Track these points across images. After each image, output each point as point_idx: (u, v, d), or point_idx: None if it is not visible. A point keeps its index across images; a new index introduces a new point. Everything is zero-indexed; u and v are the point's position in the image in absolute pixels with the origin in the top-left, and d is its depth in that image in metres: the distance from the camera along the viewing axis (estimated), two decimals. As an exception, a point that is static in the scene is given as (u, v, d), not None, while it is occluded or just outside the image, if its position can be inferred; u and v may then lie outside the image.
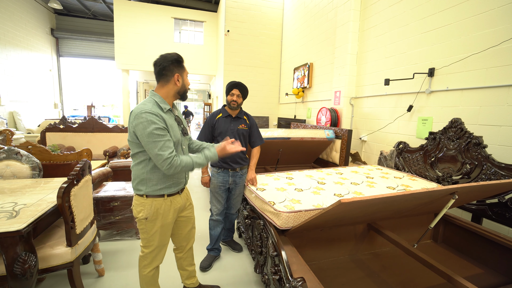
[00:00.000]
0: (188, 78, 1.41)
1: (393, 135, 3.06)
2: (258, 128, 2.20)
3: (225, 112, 2.09)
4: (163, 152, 1.21)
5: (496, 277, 1.61)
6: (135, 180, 1.33)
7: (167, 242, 1.46)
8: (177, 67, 1.31)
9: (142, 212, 1.32)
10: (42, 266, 1.43)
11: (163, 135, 1.22)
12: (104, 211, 2.38)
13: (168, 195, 1.37)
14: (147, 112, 1.20)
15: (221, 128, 2.04)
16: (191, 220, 1.58)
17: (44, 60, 9.04)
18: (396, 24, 3.03)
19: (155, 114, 1.21)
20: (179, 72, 1.32)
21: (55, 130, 4.28)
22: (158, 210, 1.34)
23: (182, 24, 8.74)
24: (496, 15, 2.03)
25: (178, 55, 1.33)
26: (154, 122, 1.20)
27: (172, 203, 1.39)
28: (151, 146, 1.20)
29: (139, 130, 1.20)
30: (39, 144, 2.42)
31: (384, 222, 1.94)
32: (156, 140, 1.20)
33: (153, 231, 1.36)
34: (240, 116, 2.11)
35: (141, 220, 1.34)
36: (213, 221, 2.13)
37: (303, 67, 5.27)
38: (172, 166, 1.23)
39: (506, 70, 1.96)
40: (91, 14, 9.74)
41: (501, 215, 1.71)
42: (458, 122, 2.02)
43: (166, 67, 1.29)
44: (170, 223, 1.42)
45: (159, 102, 1.29)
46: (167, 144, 1.23)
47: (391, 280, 1.62)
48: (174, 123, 1.34)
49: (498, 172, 1.73)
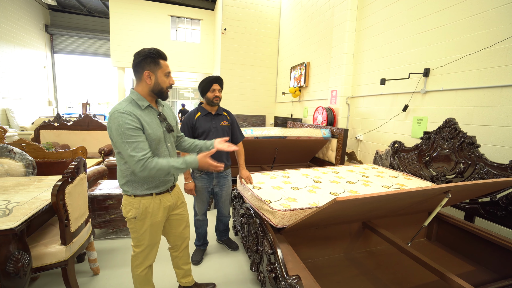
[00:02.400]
0: (170, 77, 1.28)
1: (389, 135, 3.09)
2: (238, 124, 2.16)
3: (203, 110, 1.99)
4: (136, 153, 1.15)
5: (488, 274, 1.64)
6: (121, 180, 1.30)
7: (158, 240, 1.43)
8: (148, 63, 1.20)
9: (131, 211, 1.30)
10: (36, 264, 1.41)
11: (136, 135, 1.16)
12: (99, 209, 2.36)
13: (157, 193, 1.34)
14: (119, 111, 1.15)
15: (203, 127, 1.95)
16: (184, 218, 1.55)
17: (38, 57, 8.90)
18: (392, 24, 3.05)
19: (127, 113, 1.15)
20: (150, 69, 1.20)
21: (49, 127, 4.22)
22: (147, 209, 1.31)
23: (179, 22, 8.68)
24: (490, 17, 2.06)
25: (153, 50, 1.20)
26: (126, 122, 1.14)
27: (161, 201, 1.36)
28: (124, 147, 1.15)
29: (113, 131, 1.16)
30: (33, 142, 2.39)
31: (379, 221, 1.96)
32: (128, 141, 1.14)
33: (142, 230, 1.34)
34: (220, 113, 2.03)
35: (130, 219, 1.32)
36: (199, 221, 2.13)
37: (300, 66, 5.28)
38: (145, 169, 1.16)
39: (499, 71, 1.99)
40: (86, 10, 9.61)
41: (493, 213, 1.74)
42: (452, 122, 2.05)
43: (137, 64, 1.20)
44: (160, 221, 1.39)
45: (136, 100, 1.22)
46: (141, 145, 1.17)
47: (385, 277, 1.64)
48: (154, 120, 1.27)
49: (491, 171, 1.76)
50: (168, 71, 1.26)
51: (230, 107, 5.90)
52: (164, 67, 1.24)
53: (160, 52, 1.22)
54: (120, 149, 1.18)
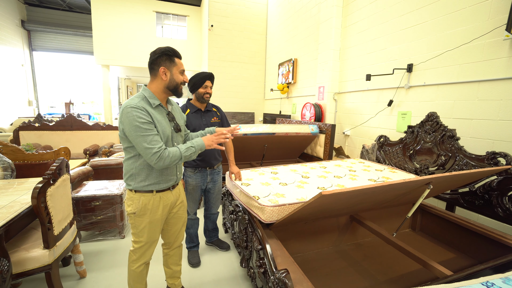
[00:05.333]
0: (184, 74, 1.35)
1: (375, 129, 3.16)
2: (227, 120, 2.15)
3: (192, 107, 1.97)
4: (152, 146, 1.19)
5: (467, 260, 1.72)
6: (126, 174, 1.34)
7: (157, 238, 1.44)
8: (164, 60, 1.27)
9: (131, 206, 1.33)
10: (17, 270, 1.36)
11: (150, 129, 1.21)
12: (85, 211, 2.30)
13: (158, 191, 1.35)
14: (132, 107, 1.19)
15: (194, 125, 1.93)
16: (181, 219, 1.57)
17: (14, 54, 8.47)
18: (376, 21, 3.10)
19: (140, 108, 1.20)
20: (165, 66, 1.27)
21: (29, 128, 4.06)
22: (146, 206, 1.33)
23: (165, 19, 8.48)
24: (467, 14, 2.13)
25: (169, 49, 1.29)
26: (139, 116, 1.19)
27: (161, 199, 1.37)
28: (139, 140, 1.19)
29: (126, 125, 1.20)
30: (11, 144, 2.29)
31: (365, 214, 2.01)
32: (143, 134, 1.19)
33: (141, 226, 1.35)
34: (210, 109, 2.02)
35: (130, 214, 1.35)
36: (191, 220, 2.11)
37: (288, 63, 5.30)
38: (161, 159, 1.20)
39: (477, 67, 2.07)
40: (66, 6, 9.21)
41: (471, 203, 1.82)
42: (434, 116, 2.12)
43: (153, 61, 1.28)
44: (159, 219, 1.39)
45: (148, 97, 1.28)
46: (156, 138, 1.21)
47: (372, 268, 1.69)
48: (163, 119, 1.31)
49: (469, 162, 1.83)
50: (182, 69, 1.33)
51: (219, 105, 5.84)
52: (179, 64, 1.31)
53: (175, 50, 1.30)
54: (135, 143, 1.21)
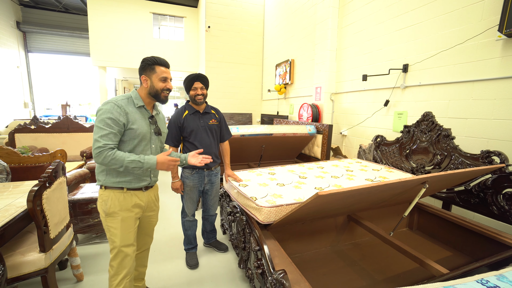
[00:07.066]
0: (167, 82, 1.38)
1: (372, 129, 3.18)
2: (226, 122, 2.14)
3: (191, 108, 1.96)
4: (101, 139, 1.21)
5: (463, 258, 1.73)
6: (98, 169, 1.34)
7: (131, 243, 1.37)
8: (145, 69, 1.35)
9: (101, 205, 1.33)
10: (12, 274, 1.35)
11: (112, 126, 1.23)
12: (82, 213, 2.28)
13: (128, 188, 1.35)
14: (112, 102, 1.26)
15: (191, 126, 1.91)
16: (153, 222, 1.58)
17: (10, 56, 8.39)
18: (372, 22, 3.12)
19: (118, 105, 1.26)
20: (145, 74, 1.36)
21: (25, 131, 4.02)
22: (115, 202, 1.31)
23: (162, 20, 8.46)
24: (461, 15, 2.15)
25: (150, 58, 1.36)
26: (111, 112, 1.23)
27: (132, 196, 1.36)
28: (96, 131, 1.23)
29: (98, 116, 1.25)
30: (7, 146, 2.27)
31: (363, 213, 2.02)
32: (102, 127, 1.22)
33: (113, 226, 1.32)
34: (208, 111, 2.01)
35: (102, 217, 1.34)
36: (189, 221, 2.10)
37: (285, 64, 5.31)
38: (101, 155, 1.20)
39: (471, 66, 2.09)
40: (62, 7, 9.16)
41: (467, 201, 1.84)
42: (429, 115, 2.13)
43: (139, 70, 1.38)
44: (131, 217, 1.36)
45: (134, 98, 1.35)
46: (110, 136, 1.23)
47: (370, 267, 1.70)
48: (143, 119, 1.35)
49: (464, 161, 1.85)
50: (163, 76, 1.36)
51: (217, 106, 5.84)
52: (159, 72, 1.36)
53: (157, 59, 1.36)
54: (93, 132, 1.25)
